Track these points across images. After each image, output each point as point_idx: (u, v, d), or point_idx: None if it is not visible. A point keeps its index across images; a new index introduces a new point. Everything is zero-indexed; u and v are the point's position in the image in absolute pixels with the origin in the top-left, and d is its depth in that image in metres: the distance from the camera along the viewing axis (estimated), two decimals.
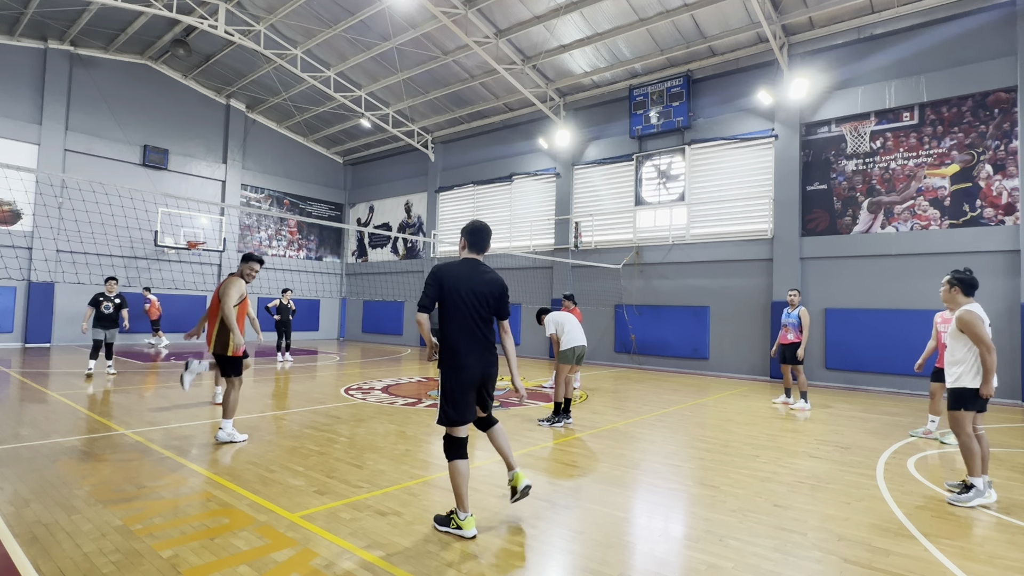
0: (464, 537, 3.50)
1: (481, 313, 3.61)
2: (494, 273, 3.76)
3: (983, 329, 4.40)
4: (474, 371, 3.58)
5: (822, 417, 8.21)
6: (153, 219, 18.38)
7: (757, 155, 13.74)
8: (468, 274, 3.65)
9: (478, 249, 3.79)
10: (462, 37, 14.10)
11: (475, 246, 3.79)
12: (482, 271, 3.71)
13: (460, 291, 3.58)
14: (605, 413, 8.15)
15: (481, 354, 3.62)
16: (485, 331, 3.64)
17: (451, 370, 3.57)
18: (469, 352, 3.58)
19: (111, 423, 6.62)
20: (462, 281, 3.61)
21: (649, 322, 15.14)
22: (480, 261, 3.78)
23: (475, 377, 3.59)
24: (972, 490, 4.37)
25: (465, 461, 3.61)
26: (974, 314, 4.45)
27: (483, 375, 3.64)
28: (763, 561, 3.32)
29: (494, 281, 3.72)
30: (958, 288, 4.66)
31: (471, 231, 3.78)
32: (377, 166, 24.04)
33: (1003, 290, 10.54)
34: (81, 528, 3.53)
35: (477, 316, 3.60)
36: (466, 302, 3.58)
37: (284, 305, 13.93)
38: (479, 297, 3.61)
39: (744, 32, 13.12)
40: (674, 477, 5.03)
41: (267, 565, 3.11)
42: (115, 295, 10.60)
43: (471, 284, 3.61)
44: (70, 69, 17.53)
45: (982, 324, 4.41)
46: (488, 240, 3.82)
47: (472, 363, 3.57)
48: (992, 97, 10.83)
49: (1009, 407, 9.74)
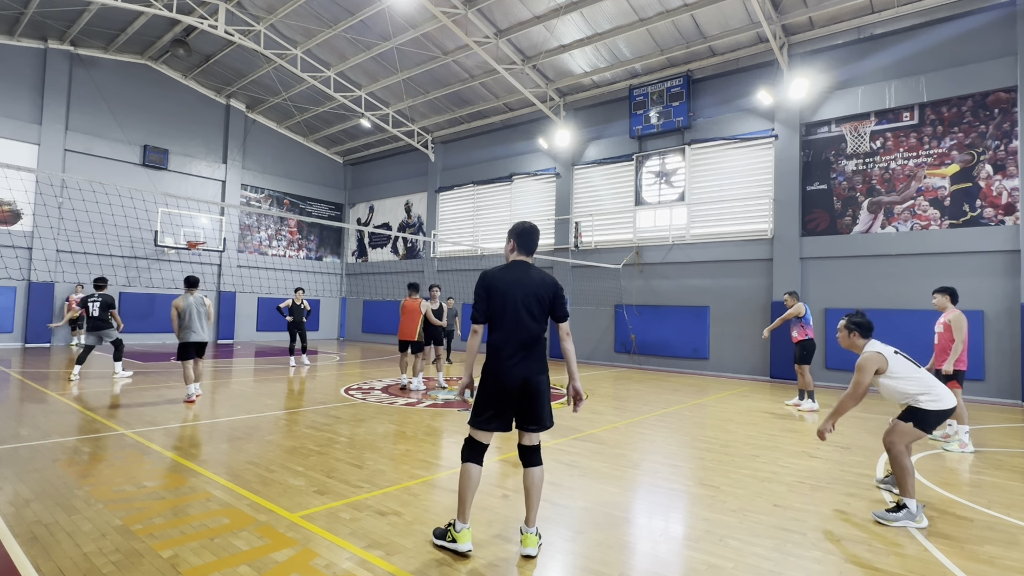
0: (458, 552, 3.29)
1: (534, 315, 3.40)
2: (546, 274, 3.54)
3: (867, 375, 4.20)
4: (513, 378, 3.33)
5: (822, 417, 8.21)
6: (153, 219, 18.38)
7: (757, 155, 13.74)
8: (518, 277, 3.45)
9: (527, 251, 3.57)
10: (462, 37, 14.10)
11: (524, 247, 3.57)
12: (533, 272, 3.49)
13: (509, 294, 3.39)
14: (605, 413, 8.14)
15: (526, 361, 3.37)
16: (534, 336, 3.40)
17: (489, 373, 3.39)
18: (511, 357, 3.35)
19: (111, 423, 6.61)
20: (511, 284, 3.41)
21: (649, 322, 15.14)
22: (530, 263, 3.57)
23: (514, 385, 3.33)
24: (903, 511, 3.96)
25: (478, 468, 3.38)
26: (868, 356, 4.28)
27: (524, 384, 3.34)
28: (763, 561, 3.32)
29: (546, 282, 3.48)
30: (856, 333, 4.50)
31: (520, 232, 3.56)
32: (377, 166, 24.04)
33: (1003, 290, 10.54)
34: (81, 528, 3.53)
35: (528, 319, 3.38)
36: (515, 306, 3.38)
37: (297, 305, 13.21)
38: (530, 300, 3.40)
39: (744, 32, 13.12)
40: (674, 477, 5.03)
41: (267, 565, 3.11)
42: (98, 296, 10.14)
43: (522, 287, 3.41)
44: (70, 69, 17.52)
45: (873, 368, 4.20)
46: (537, 240, 3.60)
47: (513, 370, 3.33)
48: (992, 97, 10.83)
49: (1009, 407, 9.74)
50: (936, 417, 4.14)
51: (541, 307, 3.43)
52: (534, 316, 3.40)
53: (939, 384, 4.22)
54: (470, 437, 3.43)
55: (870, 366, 4.23)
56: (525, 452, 3.44)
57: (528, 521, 3.40)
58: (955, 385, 6.27)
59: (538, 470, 3.44)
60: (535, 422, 3.39)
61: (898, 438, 4.15)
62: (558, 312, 3.51)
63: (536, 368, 3.39)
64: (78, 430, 6.21)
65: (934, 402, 4.12)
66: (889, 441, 4.19)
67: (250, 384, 10.19)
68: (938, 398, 4.14)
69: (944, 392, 4.19)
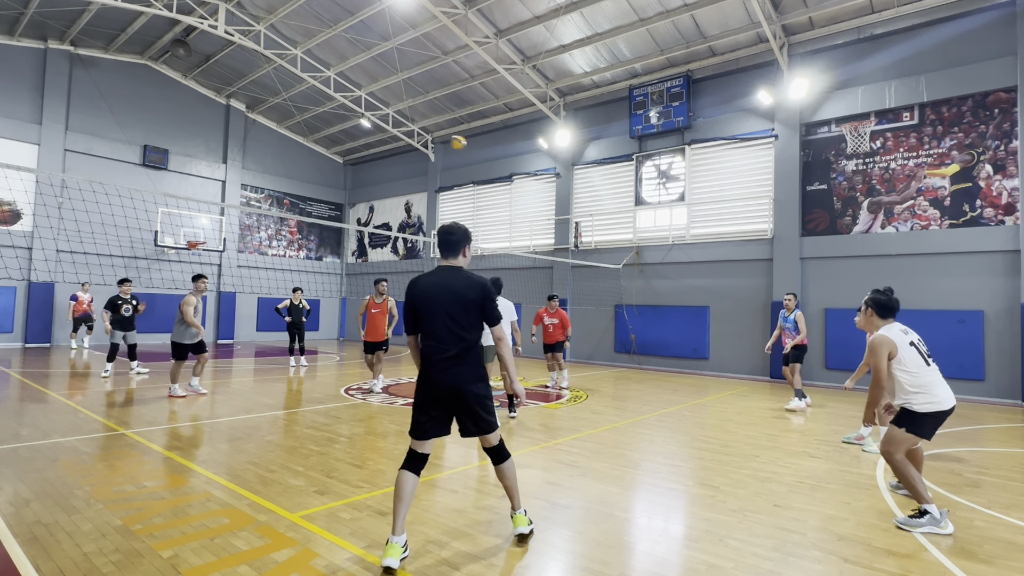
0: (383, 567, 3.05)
1: (460, 323, 3.27)
2: (475, 277, 3.37)
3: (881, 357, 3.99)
4: (443, 388, 3.25)
5: (822, 417, 8.21)
6: (153, 219, 18.38)
7: (757, 155, 13.74)
8: (442, 282, 3.33)
9: (450, 253, 3.45)
10: (462, 37, 14.10)
11: (445, 250, 3.45)
12: (460, 276, 3.35)
13: (432, 303, 3.30)
14: (605, 413, 8.15)
15: (455, 371, 3.25)
16: (463, 344, 3.27)
17: (421, 382, 3.33)
18: (440, 366, 3.25)
19: (111, 423, 6.62)
20: (435, 292, 3.31)
21: (649, 322, 15.14)
22: (457, 267, 3.43)
23: (441, 394, 3.25)
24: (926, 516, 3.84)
25: (413, 478, 3.25)
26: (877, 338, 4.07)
27: (455, 394, 3.26)
28: (763, 561, 3.32)
29: (470, 285, 3.32)
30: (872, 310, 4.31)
31: (437, 235, 3.49)
32: (377, 166, 24.04)
33: (1003, 290, 10.54)
34: (81, 528, 3.53)
35: (454, 327, 3.26)
36: (439, 314, 3.27)
37: (295, 305, 13.16)
38: (455, 307, 3.27)
39: (744, 32, 13.12)
40: (674, 477, 5.03)
41: (267, 565, 3.11)
42: (130, 296, 10.73)
43: (446, 293, 3.29)
44: (70, 69, 17.52)
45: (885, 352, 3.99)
46: (456, 240, 3.42)
47: (439, 378, 3.25)
48: (992, 97, 10.83)
49: (1009, 407, 9.74)
50: (930, 420, 3.95)
51: (467, 313, 3.30)
52: (460, 323, 3.28)
53: (940, 385, 4.01)
54: (410, 447, 3.35)
55: (880, 349, 4.00)
56: (488, 452, 3.45)
57: (513, 506, 3.52)
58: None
59: (507, 465, 3.46)
60: (472, 428, 3.35)
61: (894, 447, 3.97)
62: (487, 315, 3.36)
63: (468, 377, 3.28)
64: (78, 430, 6.21)
65: (928, 404, 3.93)
66: (885, 451, 4.01)
67: (250, 384, 10.20)
68: (933, 399, 3.94)
69: (943, 394, 3.98)
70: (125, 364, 10.85)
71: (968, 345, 10.69)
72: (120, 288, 10.68)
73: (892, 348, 4.00)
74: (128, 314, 10.61)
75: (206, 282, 8.87)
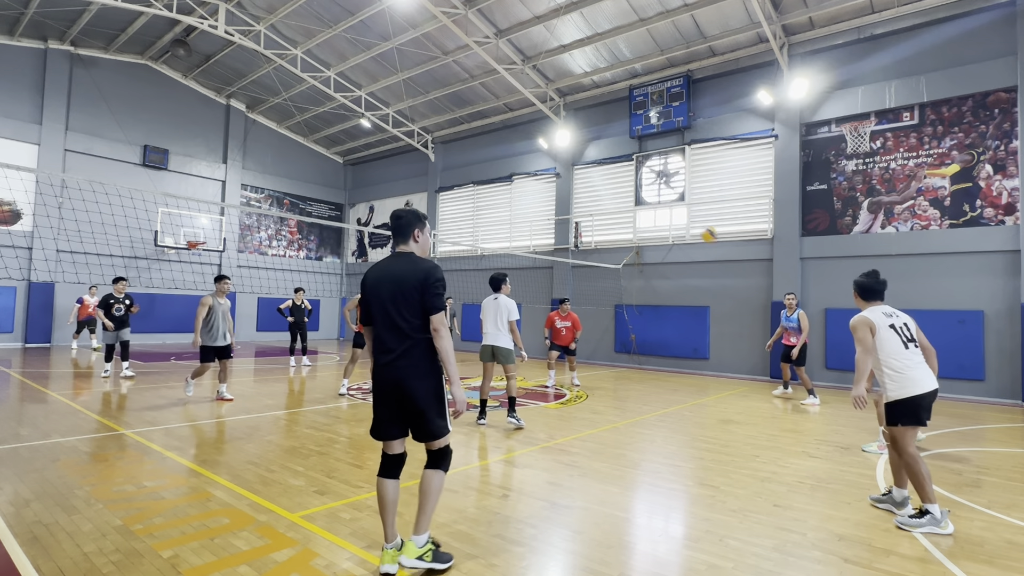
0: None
1: (401, 313, 3.03)
2: (421, 262, 3.11)
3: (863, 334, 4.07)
4: (385, 383, 3.04)
5: (822, 417, 8.21)
6: (153, 219, 18.38)
7: (757, 155, 13.74)
8: (387, 270, 3.13)
9: (400, 239, 3.21)
10: (462, 37, 14.10)
11: (395, 236, 3.22)
12: (404, 263, 3.12)
13: (376, 291, 3.11)
14: (605, 413, 8.14)
15: (398, 365, 3.02)
16: (405, 336, 3.03)
17: (372, 377, 3.14)
18: (383, 359, 3.05)
19: (111, 423, 6.62)
20: (379, 280, 3.12)
21: (649, 322, 15.14)
22: (408, 253, 3.18)
23: (387, 390, 3.05)
24: (927, 516, 3.82)
25: (391, 483, 3.11)
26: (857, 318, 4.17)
27: (397, 390, 3.02)
28: (763, 561, 3.32)
29: (417, 270, 3.05)
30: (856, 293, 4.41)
31: (389, 221, 3.27)
32: (377, 166, 24.04)
33: (1003, 290, 10.54)
34: (81, 528, 3.53)
35: (396, 317, 3.03)
36: (382, 303, 3.07)
37: (297, 306, 13.26)
38: (396, 295, 3.04)
39: (744, 32, 13.12)
40: (674, 477, 5.03)
41: (267, 565, 3.11)
42: (124, 296, 10.60)
43: (389, 281, 3.08)
44: (70, 69, 17.52)
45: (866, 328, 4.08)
46: (408, 225, 3.20)
47: (383, 373, 3.05)
48: (992, 97, 10.83)
49: (1009, 407, 9.74)
50: (915, 404, 3.92)
51: (409, 301, 3.02)
52: (401, 313, 3.02)
53: (918, 368, 3.98)
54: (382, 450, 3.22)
55: (860, 327, 4.09)
56: (429, 453, 3.17)
57: (415, 527, 3.08)
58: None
59: (434, 475, 3.10)
60: (415, 429, 3.10)
61: (902, 444, 3.96)
62: (427, 302, 3.03)
63: (411, 373, 3.01)
64: (78, 430, 6.21)
65: (904, 389, 3.93)
66: (896, 453, 4.04)
67: (250, 384, 10.20)
68: (909, 382, 3.93)
69: (920, 376, 3.95)
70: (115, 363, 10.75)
71: (968, 345, 10.68)
72: (114, 287, 10.57)
73: (872, 327, 4.09)
74: (120, 313, 10.46)
75: (228, 283, 8.41)
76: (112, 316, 10.38)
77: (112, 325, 10.36)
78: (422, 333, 3.04)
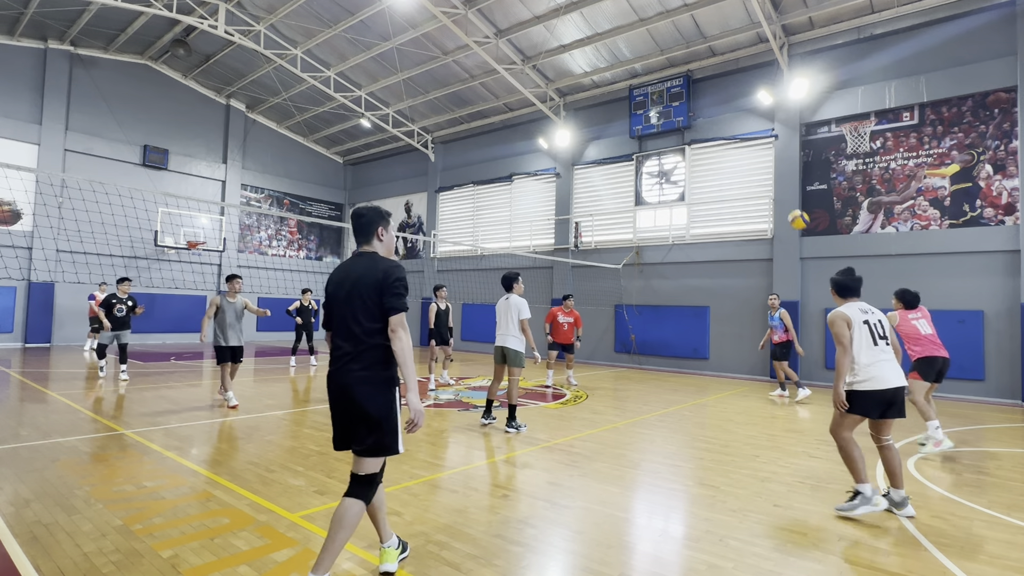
0: None
1: (356, 314, 2.84)
2: (383, 261, 2.94)
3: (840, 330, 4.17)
4: (333, 387, 2.86)
5: (822, 417, 8.21)
6: (153, 219, 18.39)
7: (757, 155, 13.74)
8: (348, 270, 2.96)
9: (363, 238, 3.03)
10: (462, 37, 14.09)
11: (357, 235, 3.04)
12: (365, 262, 2.95)
13: (336, 292, 2.95)
14: (605, 413, 8.14)
15: (347, 367, 2.82)
16: (360, 338, 2.83)
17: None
18: (336, 363, 2.87)
19: (111, 423, 6.62)
20: (340, 280, 2.96)
21: (649, 322, 15.14)
22: (371, 253, 3.01)
23: (333, 395, 2.86)
24: (858, 497, 4.04)
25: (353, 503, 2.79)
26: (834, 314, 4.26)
27: (342, 394, 2.81)
28: (763, 561, 3.32)
29: (376, 269, 2.88)
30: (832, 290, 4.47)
31: (351, 220, 3.09)
32: (377, 166, 24.04)
33: (1003, 290, 10.54)
34: (81, 528, 3.53)
35: (351, 318, 2.85)
36: (340, 304, 2.91)
37: (305, 307, 13.44)
38: (353, 295, 2.86)
39: (744, 32, 13.12)
40: (674, 477, 5.03)
41: (267, 565, 3.11)
42: (127, 297, 10.47)
43: (349, 281, 2.91)
44: (70, 69, 17.52)
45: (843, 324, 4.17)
46: (369, 224, 3.02)
47: (333, 378, 2.86)
48: (992, 97, 10.83)
49: (1009, 407, 9.74)
50: (870, 399, 4.05)
51: (365, 302, 2.84)
52: (357, 316, 2.84)
53: (886, 365, 4.09)
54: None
55: (837, 322, 4.19)
56: (355, 479, 2.85)
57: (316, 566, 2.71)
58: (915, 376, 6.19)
59: (353, 504, 2.78)
60: (354, 440, 2.82)
61: (836, 429, 4.22)
62: (386, 302, 2.83)
63: (360, 377, 2.80)
64: (78, 430, 6.21)
65: (866, 383, 4.07)
66: (832, 430, 4.26)
67: (250, 384, 10.20)
68: (873, 377, 4.05)
69: (886, 374, 4.05)
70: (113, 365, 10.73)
71: (968, 345, 10.68)
72: (119, 287, 10.45)
73: (848, 322, 4.19)
74: (121, 314, 10.31)
75: (238, 282, 8.06)
76: (113, 316, 10.27)
77: (110, 325, 10.22)
78: (378, 337, 2.84)
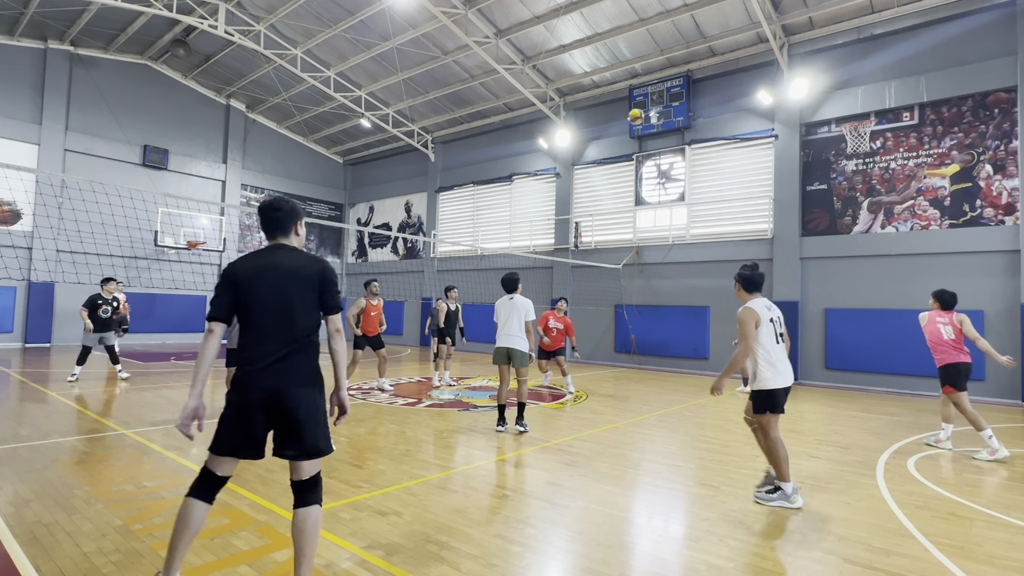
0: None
1: (292, 311, 2.68)
2: (313, 257, 2.83)
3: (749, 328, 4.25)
4: (259, 391, 2.61)
5: (822, 417, 8.21)
6: (153, 219, 18.38)
7: (757, 155, 13.74)
8: (271, 262, 2.74)
9: (278, 231, 2.85)
10: (462, 37, 14.10)
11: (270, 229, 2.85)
12: (293, 256, 2.78)
13: (256, 285, 2.68)
14: (605, 413, 8.14)
15: (280, 369, 2.63)
16: (294, 338, 2.67)
17: (234, 384, 2.69)
18: (260, 363, 2.62)
19: (111, 423, 6.61)
20: (260, 272, 2.70)
21: (649, 322, 15.14)
22: (291, 247, 2.85)
23: (259, 399, 2.61)
24: (778, 492, 4.27)
25: (203, 507, 2.65)
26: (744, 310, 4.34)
27: (275, 398, 2.60)
28: (763, 561, 3.32)
29: (309, 264, 2.76)
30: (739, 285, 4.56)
31: (260, 213, 2.89)
32: (377, 166, 24.05)
33: (1003, 290, 10.54)
34: (81, 528, 3.53)
35: (284, 316, 2.68)
36: (265, 299, 2.68)
37: None
38: (287, 291, 2.69)
39: (744, 32, 13.12)
40: (674, 477, 5.03)
41: (267, 565, 3.11)
42: (112, 298, 10.08)
43: (275, 274, 2.71)
44: (70, 69, 17.53)
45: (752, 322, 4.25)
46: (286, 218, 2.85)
47: (260, 380, 2.61)
48: (992, 97, 10.83)
49: (1009, 407, 9.74)
50: (780, 394, 4.23)
51: (303, 299, 2.71)
52: (292, 312, 2.69)
53: (784, 362, 4.31)
54: (205, 466, 2.71)
55: (747, 320, 4.27)
56: (295, 488, 2.71)
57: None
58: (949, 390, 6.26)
59: (311, 511, 2.67)
60: (293, 446, 2.64)
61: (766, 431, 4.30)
62: (326, 301, 2.77)
63: (295, 379, 2.64)
64: (78, 430, 6.21)
65: (774, 379, 4.21)
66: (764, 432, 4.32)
67: None
68: (780, 374, 4.23)
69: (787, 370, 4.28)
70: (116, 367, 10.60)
71: (968, 345, 10.64)
72: (103, 287, 10.04)
73: (757, 319, 4.29)
74: (106, 316, 9.90)
75: None
76: (97, 318, 9.81)
77: (92, 326, 9.74)
78: (313, 336, 2.75)
